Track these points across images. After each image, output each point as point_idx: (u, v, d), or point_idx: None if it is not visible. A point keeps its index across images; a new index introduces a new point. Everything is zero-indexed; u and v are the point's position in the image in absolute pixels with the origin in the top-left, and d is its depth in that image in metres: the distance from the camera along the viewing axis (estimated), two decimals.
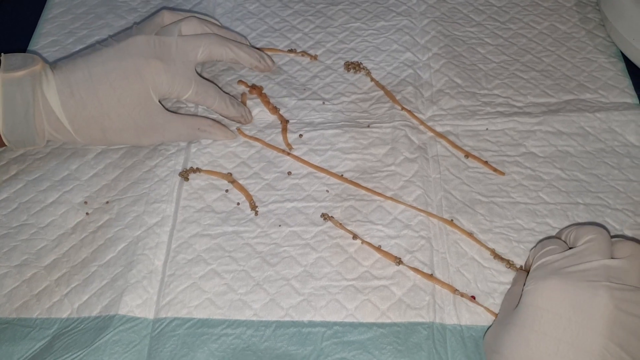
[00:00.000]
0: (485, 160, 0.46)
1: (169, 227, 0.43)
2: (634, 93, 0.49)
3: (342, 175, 0.45)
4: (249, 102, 0.50)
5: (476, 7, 0.57)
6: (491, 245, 0.42)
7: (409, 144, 0.47)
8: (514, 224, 0.43)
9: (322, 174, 0.46)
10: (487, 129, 0.48)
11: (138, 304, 0.40)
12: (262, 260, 0.42)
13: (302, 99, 0.50)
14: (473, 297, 0.40)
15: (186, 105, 0.50)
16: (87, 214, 0.44)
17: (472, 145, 0.47)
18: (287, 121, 0.49)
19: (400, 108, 0.49)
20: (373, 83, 0.51)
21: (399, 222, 0.43)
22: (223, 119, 0.49)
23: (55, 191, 0.45)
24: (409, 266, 0.41)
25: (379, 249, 0.42)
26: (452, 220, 0.43)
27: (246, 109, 0.49)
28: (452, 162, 0.46)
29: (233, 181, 0.45)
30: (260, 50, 0.52)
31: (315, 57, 0.53)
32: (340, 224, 0.43)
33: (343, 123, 0.48)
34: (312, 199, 0.44)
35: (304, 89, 0.51)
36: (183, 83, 0.45)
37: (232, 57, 0.49)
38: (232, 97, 0.49)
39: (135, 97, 0.44)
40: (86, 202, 0.45)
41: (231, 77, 0.52)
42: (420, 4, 0.57)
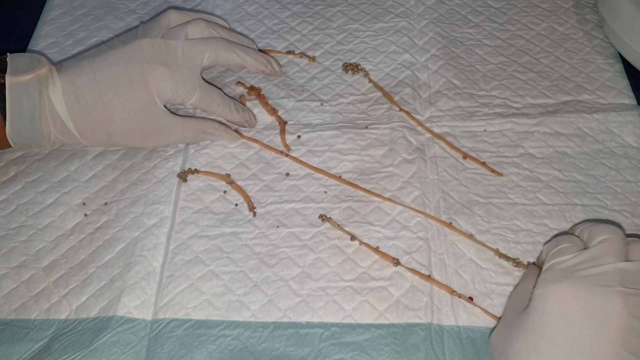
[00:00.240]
0: (483, 161, 0.46)
1: (167, 229, 0.43)
2: (631, 94, 0.49)
3: (340, 176, 0.46)
4: (247, 104, 0.50)
5: (474, 8, 0.57)
6: (489, 245, 0.42)
7: (407, 145, 0.47)
8: (511, 225, 0.43)
9: (320, 175, 0.46)
10: (485, 130, 0.48)
11: (136, 305, 0.40)
12: (260, 261, 0.42)
13: (301, 100, 0.50)
14: (471, 298, 0.40)
15: (185, 107, 0.50)
16: (86, 215, 0.44)
17: (470, 147, 0.47)
18: (286, 122, 0.49)
19: (398, 109, 0.49)
20: (371, 84, 0.51)
21: (396, 223, 0.43)
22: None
23: (54, 192, 0.45)
24: (406, 267, 0.41)
25: (376, 250, 0.42)
26: (451, 223, 0.43)
27: (251, 113, 0.49)
28: (450, 163, 0.46)
29: (231, 182, 0.46)
30: (267, 54, 0.52)
31: (313, 59, 0.53)
32: (338, 225, 0.43)
33: (341, 124, 0.49)
34: (310, 200, 0.45)
35: (303, 90, 0.51)
36: (188, 89, 0.45)
37: (239, 62, 0.48)
38: (237, 101, 0.48)
39: (140, 103, 0.44)
40: (85, 204, 0.45)
41: (230, 78, 0.52)
42: (418, 5, 0.57)
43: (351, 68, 0.52)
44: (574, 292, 0.32)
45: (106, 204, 0.45)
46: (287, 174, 0.46)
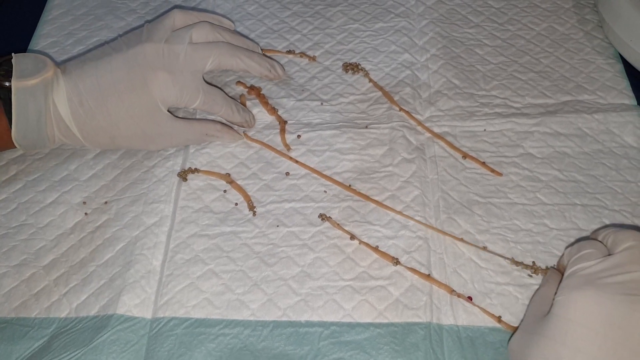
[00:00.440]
0: (482, 161, 0.46)
1: (167, 227, 0.43)
2: (631, 94, 0.49)
3: (341, 174, 0.46)
4: (247, 103, 0.50)
5: (474, 8, 0.57)
6: (488, 245, 0.42)
7: (406, 144, 0.47)
8: (511, 225, 0.43)
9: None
10: (485, 130, 0.48)
11: (136, 304, 0.40)
12: (259, 260, 0.42)
13: (301, 100, 0.50)
14: (470, 297, 0.40)
15: (185, 108, 0.50)
16: (86, 214, 0.44)
17: (470, 146, 0.47)
18: (286, 122, 0.49)
19: (398, 109, 0.49)
20: (371, 84, 0.51)
21: (396, 222, 0.43)
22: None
23: (54, 191, 0.46)
24: (406, 266, 0.41)
25: (376, 249, 0.42)
26: (462, 238, 0.42)
27: (250, 114, 0.49)
28: (449, 163, 0.46)
29: (231, 182, 0.46)
30: (271, 58, 0.52)
31: (313, 58, 0.53)
32: (338, 224, 0.43)
33: (341, 124, 0.49)
34: (310, 199, 0.45)
35: (303, 90, 0.51)
36: (191, 94, 0.45)
37: (243, 68, 0.48)
38: (237, 102, 0.48)
39: (144, 108, 0.44)
40: (85, 203, 0.45)
41: (230, 77, 0.52)
42: (418, 5, 0.57)
43: (351, 68, 0.52)
44: (598, 300, 0.31)
45: (106, 202, 0.45)
46: (287, 174, 0.46)
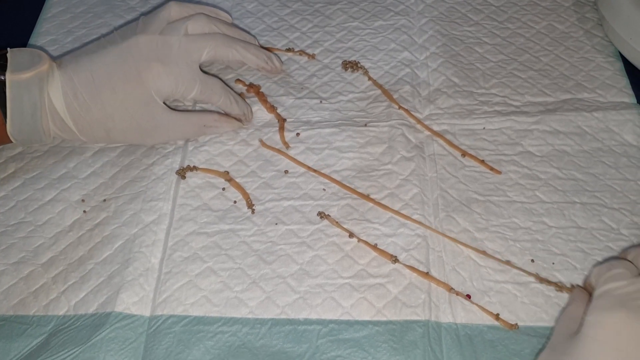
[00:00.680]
0: (482, 159, 0.46)
1: (165, 225, 0.43)
2: (631, 92, 0.49)
3: (340, 172, 0.45)
4: (247, 101, 0.50)
5: (474, 6, 0.57)
6: (487, 243, 0.42)
7: (405, 142, 0.47)
8: (510, 223, 0.43)
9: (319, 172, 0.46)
10: (484, 128, 0.48)
11: (134, 302, 0.40)
12: (258, 258, 0.42)
13: (300, 98, 0.50)
14: (468, 295, 0.40)
15: (184, 104, 0.50)
16: (85, 212, 0.44)
17: (469, 144, 0.47)
18: (285, 120, 0.49)
19: (397, 107, 0.49)
20: (370, 82, 0.51)
21: (395, 220, 0.43)
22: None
23: (53, 189, 0.46)
24: (404, 264, 0.41)
25: (375, 247, 0.42)
26: (481, 250, 0.41)
27: (249, 107, 0.48)
28: (448, 161, 0.46)
29: (230, 179, 0.46)
30: (268, 50, 0.51)
31: (313, 56, 0.53)
32: (337, 222, 0.43)
33: (340, 122, 0.49)
34: (308, 197, 0.45)
35: (302, 88, 0.51)
36: (187, 84, 0.44)
37: (239, 59, 0.48)
38: (236, 93, 0.48)
39: (138, 100, 0.44)
40: (84, 200, 0.45)
41: (229, 75, 0.52)
42: (418, 3, 0.57)
43: (350, 66, 0.52)
44: (630, 322, 0.30)
45: (105, 200, 0.45)
46: (286, 172, 0.46)
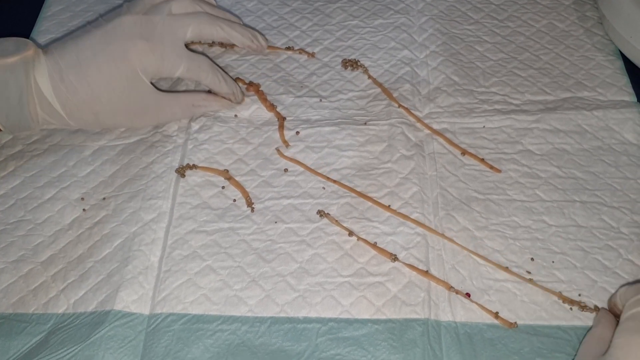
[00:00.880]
0: (481, 157, 0.46)
1: (165, 224, 0.43)
2: (631, 91, 0.49)
3: (339, 171, 0.45)
4: (246, 100, 0.50)
5: (474, 5, 0.57)
6: (487, 242, 0.42)
7: (405, 141, 0.47)
8: (510, 222, 0.43)
9: (319, 171, 0.46)
10: (484, 126, 0.48)
11: (134, 300, 0.40)
12: (257, 256, 0.42)
13: (300, 97, 0.50)
14: (468, 294, 0.40)
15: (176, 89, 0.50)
16: (84, 210, 0.44)
17: (469, 143, 0.47)
18: (284, 118, 0.49)
19: (397, 105, 0.49)
20: (370, 80, 0.51)
21: (394, 219, 0.43)
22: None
23: (53, 187, 0.45)
24: (404, 263, 0.41)
25: (374, 245, 0.42)
26: (485, 256, 0.41)
27: (238, 88, 0.48)
28: (448, 160, 0.46)
29: (229, 178, 0.46)
30: (253, 29, 0.51)
31: (312, 55, 0.53)
32: (336, 220, 0.43)
33: (340, 120, 0.48)
34: (308, 195, 0.45)
35: (301, 87, 0.51)
36: (172, 61, 0.44)
37: (224, 37, 0.48)
38: (225, 72, 0.48)
39: (124, 80, 0.43)
40: (83, 199, 0.45)
41: (229, 74, 0.52)
42: (418, 1, 0.57)
43: (350, 64, 0.52)
44: None
45: (104, 199, 0.45)
46: (286, 170, 0.46)
